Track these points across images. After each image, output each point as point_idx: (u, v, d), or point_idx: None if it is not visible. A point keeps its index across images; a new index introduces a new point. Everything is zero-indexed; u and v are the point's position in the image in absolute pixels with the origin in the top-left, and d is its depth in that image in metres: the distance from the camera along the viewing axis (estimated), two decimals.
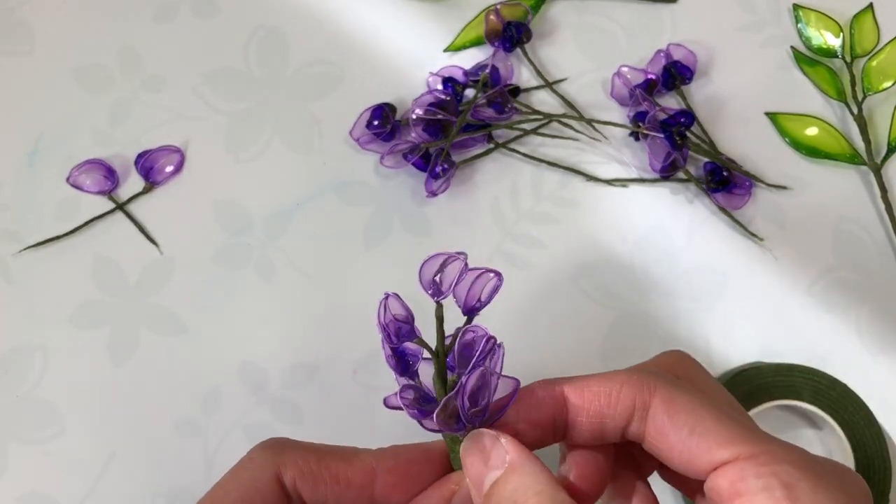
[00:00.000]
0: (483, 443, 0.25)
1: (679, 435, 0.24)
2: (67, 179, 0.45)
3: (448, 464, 0.27)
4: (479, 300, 0.27)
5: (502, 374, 0.26)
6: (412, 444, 0.28)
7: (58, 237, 0.44)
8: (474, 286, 0.27)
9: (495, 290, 0.27)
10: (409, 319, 0.27)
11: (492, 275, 0.27)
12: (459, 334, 0.27)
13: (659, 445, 0.25)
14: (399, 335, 0.27)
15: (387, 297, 0.27)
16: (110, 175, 0.45)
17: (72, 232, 0.45)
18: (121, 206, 0.45)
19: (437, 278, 0.27)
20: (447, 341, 0.28)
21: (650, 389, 0.25)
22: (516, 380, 0.26)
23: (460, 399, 0.25)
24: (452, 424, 0.25)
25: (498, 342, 0.27)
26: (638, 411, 0.25)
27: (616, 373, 0.26)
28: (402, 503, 0.26)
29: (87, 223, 0.45)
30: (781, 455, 0.23)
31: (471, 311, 0.28)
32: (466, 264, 0.27)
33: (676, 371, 0.28)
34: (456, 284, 0.27)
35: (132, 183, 0.46)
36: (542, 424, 0.26)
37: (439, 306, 0.27)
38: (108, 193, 0.45)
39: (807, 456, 0.24)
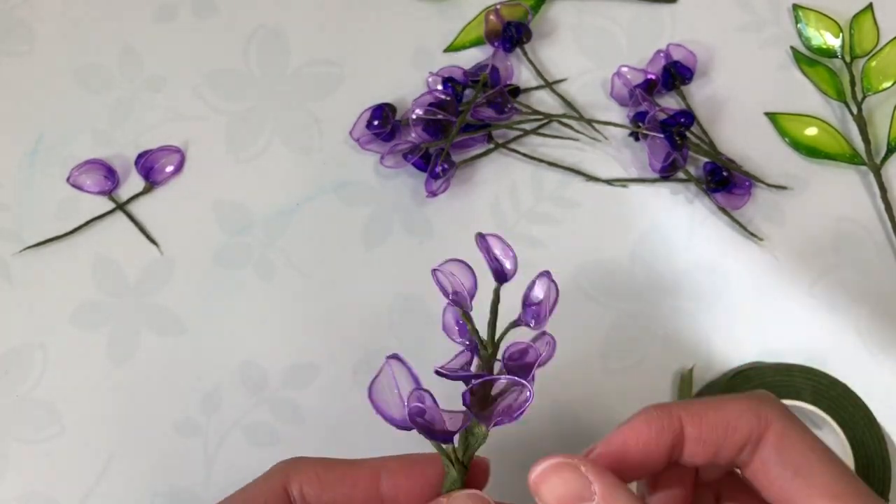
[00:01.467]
0: (564, 472, 0.24)
1: (783, 473, 0.24)
2: (68, 179, 0.45)
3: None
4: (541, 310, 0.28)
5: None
6: (417, 453, 0.28)
7: (58, 237, 0.44)
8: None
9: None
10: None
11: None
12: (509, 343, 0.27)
13: (760, 478, 0.25)
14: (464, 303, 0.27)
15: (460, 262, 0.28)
16: (110, 175, 0.45)
17: (72, 232, 0.45)
18: (121, 206, 0.45)
19: (503, 264, 0.28)
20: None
21: (766, 421, 0.25)
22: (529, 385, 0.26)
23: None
24: (478, 407, 0.25)
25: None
26: (751, 443, 0.25)
27: (732, 400, 0.26)
28: (410, 498, 0.26)
29: (87, 223, 0.45)
30: None
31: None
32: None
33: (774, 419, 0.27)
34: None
35: (132, 183, 0.46)
36: (660, 453, 0.26)
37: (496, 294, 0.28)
38: (109, 193, 0.45)
39: None
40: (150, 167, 0.45)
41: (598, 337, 0.44)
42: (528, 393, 0.25)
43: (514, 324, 0.28)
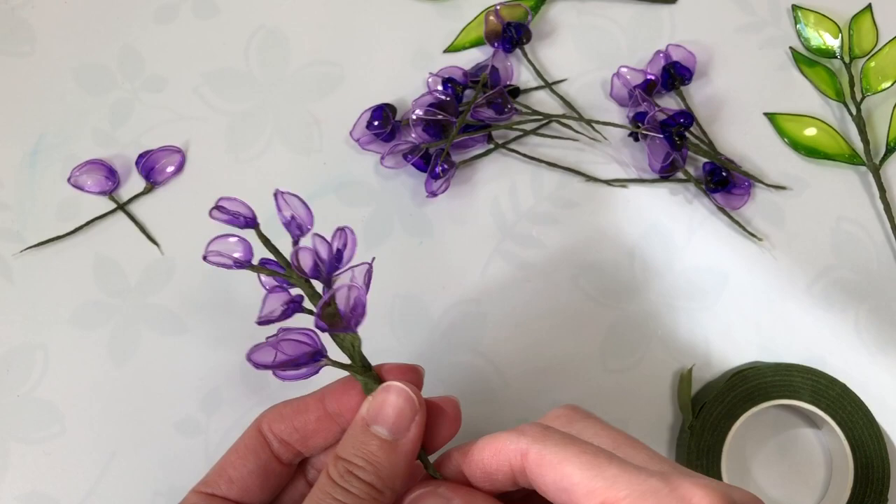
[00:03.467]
0: (428, 500, 0.29)
1: (552, 490, 0.26)
2: (68, 180, 0.45)
3: None
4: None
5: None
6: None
7: (59, 237, 0.45)
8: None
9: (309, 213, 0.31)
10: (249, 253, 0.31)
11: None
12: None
13: (545, 496, 0.27)
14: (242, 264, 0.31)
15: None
16: (111, 175, 0.45)
17: (73, 232, 0.45)
18: (122, 206, 0.45)
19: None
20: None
21: (522, 452, 0.27)
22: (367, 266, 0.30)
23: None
24: (331, 322, 0.29)
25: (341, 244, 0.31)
26: (517, 473, 0.27)
27: (496, 438, 0.28)
28: (350, 410, 0.30)
29: (87, 223, 0.45)
30: (638, 498, 0.24)
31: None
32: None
33: (562, 422, 0.29)
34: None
35: (133, 183, 0.46)
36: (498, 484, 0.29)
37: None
38: (109, 194, 0.45)
39: (660, 491, 0.25)
40: (151, 167, 0.45)
41: (597, 337, 0.44)
42: (357, 290, 0.29)
43: (295, 244, 0.31)
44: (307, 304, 0.30)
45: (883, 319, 0.44)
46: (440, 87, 0.46)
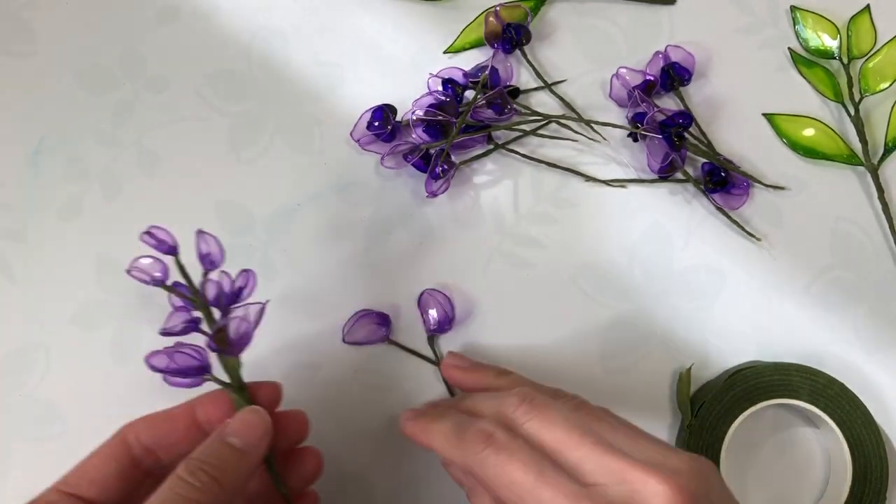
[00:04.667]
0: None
1: None
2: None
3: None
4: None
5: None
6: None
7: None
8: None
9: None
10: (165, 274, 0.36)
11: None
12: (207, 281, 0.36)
13: None
14: (160, 281, 0.36)
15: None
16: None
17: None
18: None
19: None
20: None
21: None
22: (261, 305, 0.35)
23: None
24: (221, 345, 0.34)
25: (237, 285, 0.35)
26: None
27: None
28: (219, 420, 0.34)
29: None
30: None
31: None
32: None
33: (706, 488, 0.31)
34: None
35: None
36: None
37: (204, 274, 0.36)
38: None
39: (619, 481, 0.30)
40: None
41: (596, 337, 0.44)
42: (247, 324, 0.35)
43: (205, 275, 0.35)
44: (204, 326, 0.35)
45: (881, 319, 0.45)
46: (440, 88, 0.47)
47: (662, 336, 0.44)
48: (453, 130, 0.45)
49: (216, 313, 0.35)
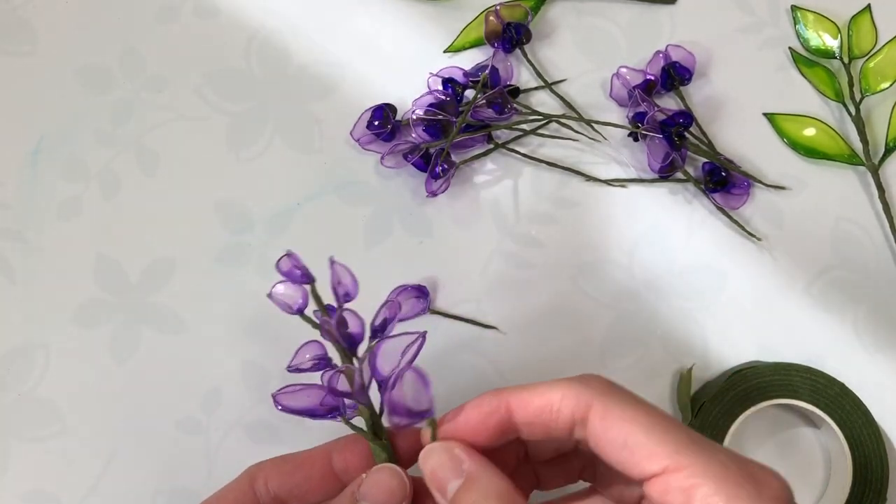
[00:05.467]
0: (438, 454, 0.28)
1: (613, 447, 0.26)
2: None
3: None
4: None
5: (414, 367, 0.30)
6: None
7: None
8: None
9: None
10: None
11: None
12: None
13: (599, 453, 0.27)
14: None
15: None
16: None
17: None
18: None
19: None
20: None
21: (587, 402, 0.27)
22: (420, 372, 0.29)
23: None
24: (361, 396, 0.30)
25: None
26: (578, 424, 0.27)
27: (557, 384, 0.27)
28: (360, 471, 0.30)
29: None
30: (704, 468, 0.24)
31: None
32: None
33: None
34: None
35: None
36: (489, 434, 0.28)
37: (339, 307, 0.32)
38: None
39: (729, 466, 0.24)
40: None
41: (597, 337, 0.44)
42: (425, 385, 0.29)
43: (339, 308, 0.32)
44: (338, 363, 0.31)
45: (882, 319, 0.45)
46: (440, 87, 0.47)
47: (663, 336, 0.44)
48: (453, 130, 0.45)
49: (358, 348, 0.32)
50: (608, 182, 0.46)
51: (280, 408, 0.30)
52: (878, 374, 0.44)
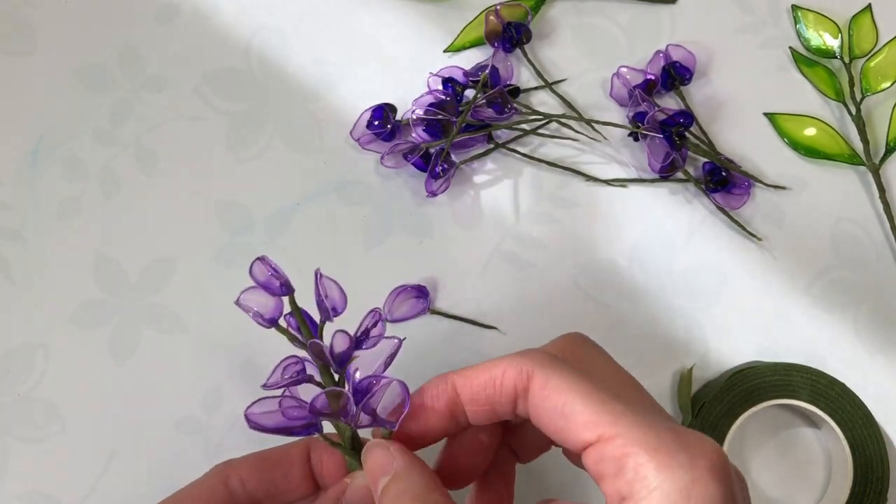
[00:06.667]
0: (377, 452, 0.28)
1: (551, 416, 0.26)
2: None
3: None
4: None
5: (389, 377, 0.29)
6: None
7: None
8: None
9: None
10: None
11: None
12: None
13: (540, 423, 0.27)
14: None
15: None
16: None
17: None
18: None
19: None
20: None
21: (528, 373, 0.27)
22: (403, 383, 0.29)
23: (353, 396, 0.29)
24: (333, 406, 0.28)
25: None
26: (520, 395, 0.27)
27: (500, 360, 0.28)
28: (333, 478, 0.29)
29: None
30: (638, 437, 0.24)
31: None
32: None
33: (569, 353, 0.29)
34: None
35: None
36: (440, 416, 0.29)
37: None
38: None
39: (663, 435, 0.24)
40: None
41: (597, 337, 0.44)
42: (398, 388, 0.28)
43: (322, 324, 0.30)
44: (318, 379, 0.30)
45: (882, 319, 0.44)
46: (440, 87, 0.47)
47: (662, 336, 0.44)
48: (453, 130, 0.44)
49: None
50: (608, 182, 0.46)
51: (253, 426, 0.28)
52: (879, 374, 0.44)
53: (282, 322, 0.30)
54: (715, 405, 0.41)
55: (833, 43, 0.48)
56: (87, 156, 0.46)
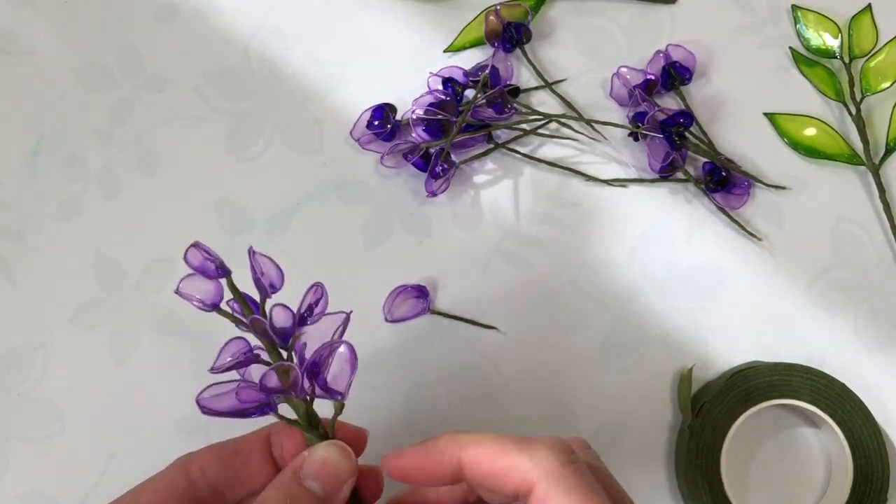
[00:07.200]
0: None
1: None
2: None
3: None
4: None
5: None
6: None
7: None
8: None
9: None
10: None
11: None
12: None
13: None
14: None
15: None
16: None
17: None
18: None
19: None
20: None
21: (532, 483, 0.26)
22: (349, 346, 0.29)
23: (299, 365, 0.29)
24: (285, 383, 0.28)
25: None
26: (521, 497, 0.26)
27: (510, 452, 0.26)
28: (293, 455, 0.29)
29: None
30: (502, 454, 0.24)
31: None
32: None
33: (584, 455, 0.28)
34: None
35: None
36: (438, 479, 0.28)
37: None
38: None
39: (517, 447, 0.24)
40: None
41: (597, 337, 0.44)
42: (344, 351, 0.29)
43: (262, 302, 0.30)
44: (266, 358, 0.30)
45: (882, 319, 0.44)
46: (440, 87, 0.47)
47: (663, 336, 0.44)
48: (453, 129, 0.44)
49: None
50: (608, 182, 0.46)
51: (205, 411, 0.28)
52: (879, 374, 0.44)
53: (225, 307, 0.30)
54: (715, 405, 0.41)
55: (833, 43, 0.48)
56: (86, 156, 0.46)
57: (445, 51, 0.48)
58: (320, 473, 0.28)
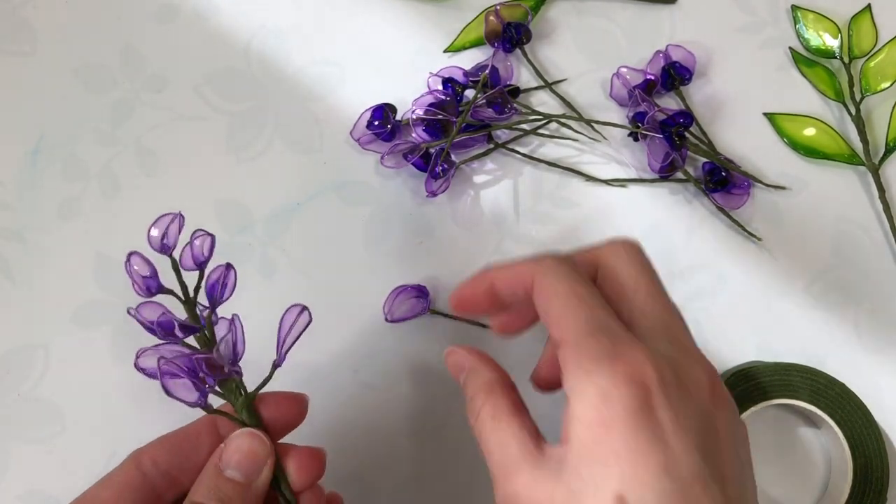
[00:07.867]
0: (455, 354, 0.33)
1: (541, 315, 0.29)
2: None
3: None
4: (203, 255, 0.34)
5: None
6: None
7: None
8: (194, 243, 0.34)
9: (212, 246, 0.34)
10: (155, 274, 0.34)
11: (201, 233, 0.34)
12: (206, 275, 0.34)
13: (541, 318, 0.30)
14: (150, 290, 0.33)
15: (130, 255, 0.33)
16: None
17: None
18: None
19: (164, 240, 0.34)
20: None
21: (531, 277, 0.30)
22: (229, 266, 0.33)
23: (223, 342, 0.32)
24: (215, 373, 0.31)
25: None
26: (527, 291, 0.30)
27: (523, 263, 0.31)
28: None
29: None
30: (582, 344, 0.26)
31: (200, 266, 0.34)
32: (182, 219, 0.35)
33: (595, 261, 0.31)
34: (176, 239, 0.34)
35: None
36: (482, 300, 0.32)
37: (173, 259, 0.34)
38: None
39: (601, 342, 0.26)
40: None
41: None
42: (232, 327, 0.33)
43: (176, 264, 0.34)
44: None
45: (882, 319, 0.44)
46: (440, 87, 0.47)
47: None
48: (453, 130, 0.45)
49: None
50: (608, 182, 0.46)
51: (143, 372, 0.31)
52: (879, 374, 0.44)
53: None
54: None
55: (833, 43, 0.48)
56: (87, 156, 0.46)
57: (445, 51, 0.48)
58: (238, 462, 0.30)
